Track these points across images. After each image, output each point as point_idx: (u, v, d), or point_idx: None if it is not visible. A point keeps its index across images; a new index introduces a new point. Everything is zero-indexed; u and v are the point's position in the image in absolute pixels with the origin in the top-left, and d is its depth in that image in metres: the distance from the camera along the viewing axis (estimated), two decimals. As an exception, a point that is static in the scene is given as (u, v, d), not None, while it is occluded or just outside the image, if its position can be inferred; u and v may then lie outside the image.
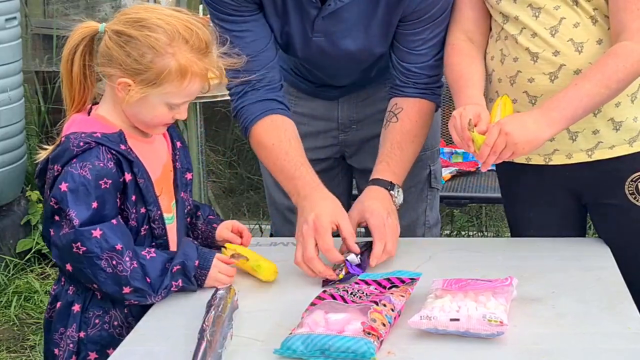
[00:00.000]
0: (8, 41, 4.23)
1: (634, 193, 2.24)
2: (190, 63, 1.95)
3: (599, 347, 1.78)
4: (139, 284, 1.95)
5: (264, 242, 2.40)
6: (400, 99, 2.39)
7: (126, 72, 1.94)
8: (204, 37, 1.98)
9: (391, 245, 2.16)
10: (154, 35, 1.93)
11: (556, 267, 2.14)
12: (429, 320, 1.79)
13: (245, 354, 1.79)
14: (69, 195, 1.91)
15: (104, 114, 2.03)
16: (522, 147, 2.07)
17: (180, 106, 2.00)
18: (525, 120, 2.09)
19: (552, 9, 2.19)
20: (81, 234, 1.91)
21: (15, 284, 4.10)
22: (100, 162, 1.93)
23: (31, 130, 4.84)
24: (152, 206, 2.03)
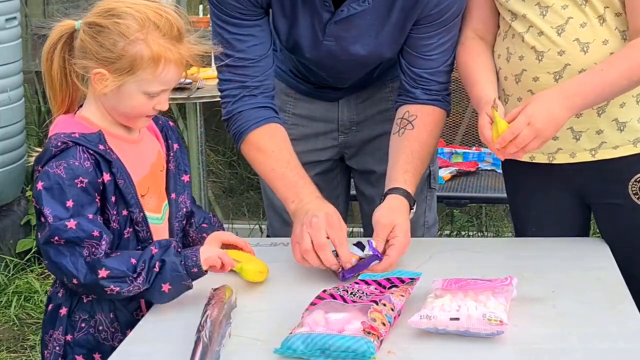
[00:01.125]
0: (8, 41, 4.24)
1: (637, 193, 2.24)
2: (162, 49, 1.94)
3: (599, 346, 1.77)
4: (115, 265, 1.89)
5: (264, 242, 2.40)
6: (413, 106, 2.37)
7: (100, 62, 1.94)
8: (176, 23, 1.97)
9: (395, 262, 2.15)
10: (124, 22, 1.93)
11: (556, 267, 2.14)
12: (429, 320, 1.79)
13: (245, 353, 1.79)
14: (44, 193, 1.91)
15: (86, 115, 2.02)
16: (548, 134, 2.08)
17: (159, 95, 1.99)
18: (551, 110, 2.08)
19: (560, 8, 2.19)
20: (56, 227, 1.89)
21: (15, 284, 4.11)
22: (76, 160, 1.92)
23: (31, 130, 4.85)
24: (134, 208, 2.00)
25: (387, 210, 2.22)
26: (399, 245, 2.15)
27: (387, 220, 2.18)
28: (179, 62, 1.97)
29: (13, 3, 4.27)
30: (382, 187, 2.55)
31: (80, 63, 1.97)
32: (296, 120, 2.62)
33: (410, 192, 2.26)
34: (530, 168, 2.33)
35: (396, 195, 2.24)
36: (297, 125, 2.62)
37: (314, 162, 2.60)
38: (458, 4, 2.30)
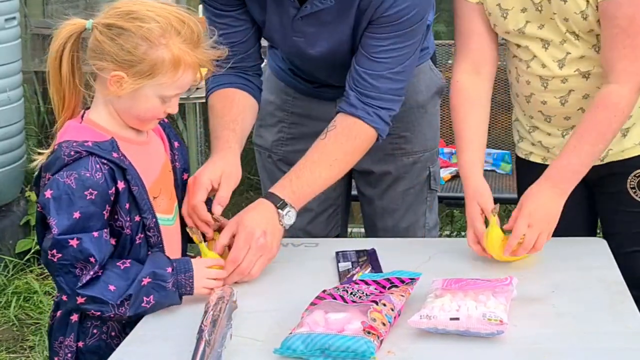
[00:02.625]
0: (7, 41, 4.23)
1: (634, 188, 2.29)
2: (183, 54, 1.94)
3: (599, 346, 1.77)
4: (94, 292, 1.89)
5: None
6: (340, 117, 2.30)
7: (119, 64, 1.92)
8: (195, 28, 1.97)
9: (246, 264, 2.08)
10: (147, 26, 1.91)
11: (556, 267, 2.14)
12: (429, 320, 1.79)
13: (245, 353, 1.79)
14: (51, 203, 1.89)
15: (95, 119, 2.00)
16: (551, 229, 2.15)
17: (172, 99, 1.99)
18: (546, 205, 2.15)
19: (559, 43, 2.23)
20: (58, 242, 1.88)
21: (14, 284, 4.10)
22: (88, 172, 1.90)
23: (30, 131, 4.84)
24: (147, 214, 1.99)
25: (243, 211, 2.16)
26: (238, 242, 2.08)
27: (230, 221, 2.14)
28: (196, 66, 1.98)
29: (12, 3, 4.27)
30: (380, 187, 2.55)
31: (95, 64, 1.95)
32: (295, 119, 2.63)
33: (276, 194, 2.18)
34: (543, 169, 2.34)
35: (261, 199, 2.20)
36: (296, 124, 2.63)
37: None
38: (417, 12, 2.24)
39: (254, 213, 2.15)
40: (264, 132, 2.67)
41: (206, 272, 2.02)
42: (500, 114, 4.07)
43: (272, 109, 2.63)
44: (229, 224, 2.14)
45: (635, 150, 2.29)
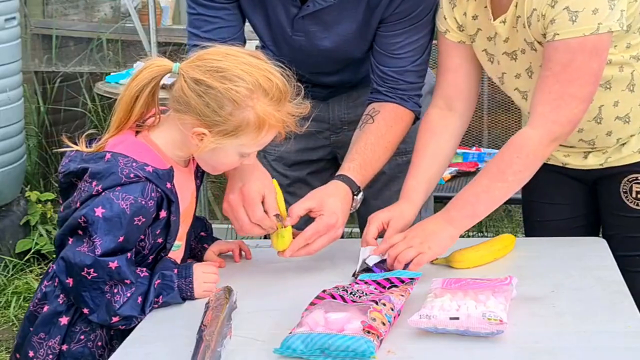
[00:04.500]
0: (7, 41, 4.23)
1: (626, 192, 2.29)
2: (268, 115, 1.91)
3: (598, 345, 1.77)
4: (129, 312, 1.92)
5: (263, 243, 2.40)
6: (378, 104, 2.36)
7: (203, 121, 1.90)
8: (283, 87, 1.94)
9: (317, 247, 2.13)
10: (236, 88, 1.89)
11: (556, 267, 2.14)
12: (429, 319, 1.79)
13: (245, 353, 1.79)
14: (101, 222, 1.88)
15: (158, 142, 1.98)
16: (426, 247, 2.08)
17: (251, 154, 1.99)
18: (425, 224, 2.14)
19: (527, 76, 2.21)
20: (98, 263, 1.88)
21: (14, 284, 4.10)
22: (143, 199, 1.89)
23: (30, 131, 4.84)
24: (172, 239, 2.01)
25: (323, 189, 2.21)
26: (320, 225, 2.12)
27: (318, 195, 2.17)
28: (280, 126, 1.96)
29: (12, 3, 4.27)
30: (375, 187, 2.54)
31: (180, 117, 1.93)
32: None
33: (351, 178, 2.23)
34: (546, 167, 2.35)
35: (337, 182, 2.23)
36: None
37: (306, 162, 2.61)
38: (426, 3, 2.28)
39: (337, 200, 2.17)
40: None
41: (205, 277, 2.03)
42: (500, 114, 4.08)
43: None
44: (308, 199, 2.16)
45: (633, 157, 2.28)
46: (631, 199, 2.28)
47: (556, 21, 2.02)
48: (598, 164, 2.30)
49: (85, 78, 5.00)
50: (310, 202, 2.16)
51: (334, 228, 2.14)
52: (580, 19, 2.00)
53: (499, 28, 2.16)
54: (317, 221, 2.14)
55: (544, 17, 2.04)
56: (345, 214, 2.19)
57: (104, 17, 5.30)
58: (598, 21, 2.00)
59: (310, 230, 2.13)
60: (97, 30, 5.15)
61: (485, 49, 2.25)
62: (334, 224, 2.14)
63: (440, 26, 2.29)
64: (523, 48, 2.16)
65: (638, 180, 2.27)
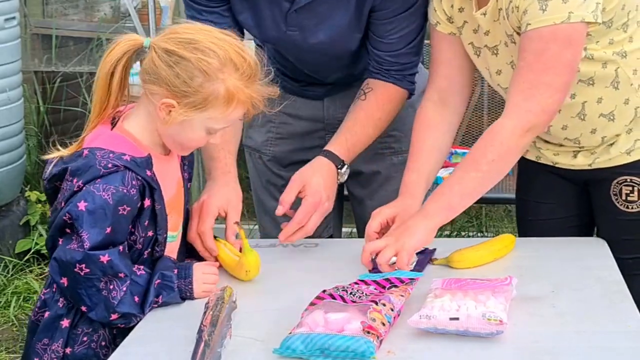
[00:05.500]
0: (7, 41, 4.23)
1: (616, 194, 2.28)
2: (238, 90, 1.92)
3: (598, 345, 1.77)
4: (127, 309, 1.92)
5: (263, 243, 2.40)
6: (373, 81, 2.40)
7: (172, 92, 1.90)
8: (254, 65, 1.95)
9: (312, 226, 2.23)
10: (207, 59, 1.89)
11: (556, 267, 2.14)
12: (429, 320, 1.79)
13: (245, 353, 1.79)
14: (86, 215, 1.88)
15: (132, 131, 1.98)
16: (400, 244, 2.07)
17: (218, 131, 1.99)
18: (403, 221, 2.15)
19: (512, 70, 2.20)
20: (89, 257, 1.88)
21: (14, 284, 4.10)
22: (124, 187, 1.89)
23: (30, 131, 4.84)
24: (162, 230, 2.01)
25: (304, 169, 2.30)
26: (308, 205, 2.23)
27: (300, 178, 2.27)
28: (248, 103, 1.96)
29: (12, 3, 4.27)
30: (370, 187, 2.54)
31: (148, 87, 1.93)
32: (283, 118, 2.62)
33: (335, 153, 2.31)
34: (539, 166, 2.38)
35: (320, 157, 2.32)
36: (285, 124, 2.63)
37: (302, 162, 2.59)
38: None
39: (318, 177, 2.27)
40: (253, 133, 2.67)
41: (205, 278, 2.03)
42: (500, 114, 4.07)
43: None
44: (293, 183, 2.26)
45: (621, 158, 2.26)
46: (621, 202, 2.27)
47: (528, 11, 2.03)
48: (587, 164, 2.29)
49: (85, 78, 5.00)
50: (295, 186, 2.26)
51: (320, 204, 2.25)
52: (551, 7, 2.00)
53: (480, 20, 2.17)
54: (303, 203, 2.24)
55: (517, 9, 2.05)
56: (329, 188, 2.28)
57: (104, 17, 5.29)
58: (569, 10, 2.00)
59: (299, 213, 2.23)
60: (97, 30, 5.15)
61: (472, 41, 2.25)
62: (318, 202, 2.24)
63: (431, 18, 2.29)
64: (505, 41, 2.17)
65: (627, 183, 2.26)
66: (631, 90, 2.20)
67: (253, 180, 2.74)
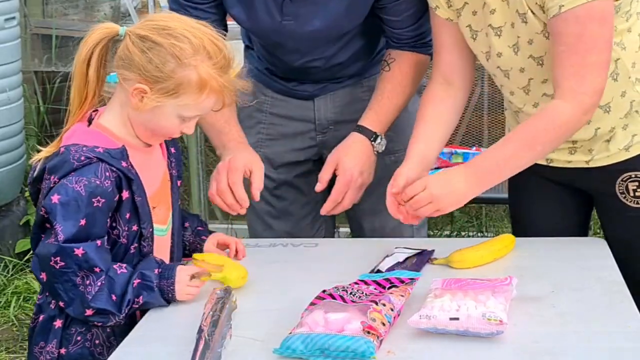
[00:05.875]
0: (7, 41, 4.23)
1: (623, 192, 2.28)
2: (210, 77, 1.92)
3: (598, 345, 1.77)
4: (102, 305, 1.90)
5: (263, 243, 2.40)
6: (394, 51, 2.46)
7: (145, 78, 1.91)
8: (227, 54, 1.96)
9: (347, 201, 2.37)
10: (180, 45, 1.90)
11: (556, 267, 2.14)
12: (429, 320, 1.79)
13: (245, 353, 1.79)
14: (59, 208, 1.88)
15: (107, 125, 1.99)
16: (446, 204, 2.12)
17: (191, 120, 1.98)
18: (449, 179, 2.15)
19: (519, 71, 2.22)
20: (63, 250, 1.87)
21: (14, 284, 4.10)
22: (97, 179, 1.89)
23: (30, 131, 4.84)
24: (146, 224, 1.99)
25: (339, 147, 2.41)
26: (338, 184, 2.35)
27: (333, 157, 2.39)
28: (221, 92, 1.96)
29: (12, 3, 4.27)
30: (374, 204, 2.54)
31: (122, 73, 1.94)
32: (273, 119, 2.61)
33: (367, 127, 2.40)
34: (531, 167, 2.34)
35: (353, 133, 2.41)
36: (275, 125, 2.62)
37: (293, 163, 2.60)
38: None
39: (351, 154, 2.38)
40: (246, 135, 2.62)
41: (188, 280, 1.99)
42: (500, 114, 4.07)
43: (250, 110, 2.59)
44: (328, 162, 2.39)
45: (620, 155, 2.26)
46: (630, 198, 2.27)
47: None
48: (584, 161, 2.29)
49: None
50: (330, 165, 2.38)
51: (353, 181, 2.36)
52: None
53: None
54: (337, 182, 2.37)
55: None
56: (364, 162, 2.39)
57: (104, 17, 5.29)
58: None
59: (334, 192, 2.36)
60: (97, 30, 5.15)
61: (470, 24, 2.25)
62: (349, 179, 2.36)
63: (430, 2, 2.30)
64: (513, 22, 2.16)
65: (633, 179, 2.26)
66: (629, 83, 2.21)
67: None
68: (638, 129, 2.24)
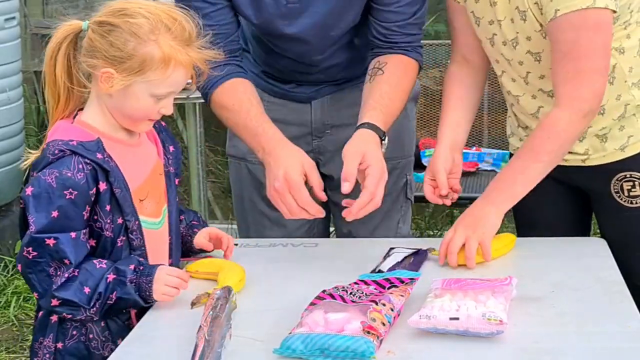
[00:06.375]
0: (7, 41, 4.23)
1: (618, 192, 2.29)
2: (173, 51, 1.93)
3: (598, 345, 1.77)
4: (68, 296, 1.89)
5: (263, 243, 2.40)
6: (383, 57, 2.39)
7: (109, 61, 1.92)
8: (187, 26, 1.97)
9: (380, 197, 2.18)
10: (136, 22, 1.92)
11: (556, 267, 2.14)
12: (429, 320, 1.79)
13: (245, 353, 1.79)
14: (31, 200, 1.89)
15: (86, 119, 2.00)
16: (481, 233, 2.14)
17: (165, 98, 1.98)
18: (470, 212, 2.19)
19: (517, 63, 2.24)
20: (34, 240, 1.88)
21: (14, 284, 4.10)
22: (69, 171, 1.90)
23: (30, 130, 4.84)
24: (130, 216, 1.98)
25: (354, 141, 2.23)
26: (376, 173, 2.17)
27: (355, 149, 2.20)
28: (188, 65, 1.97)
29: (12, 3, 4.27)
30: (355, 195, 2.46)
31: (87, 62, 1.95)
32: None
33: (376, 125, 2.26)
34: None
35: (363, 129, 2.26)
36: None
37: None
38: None
39: (375, 148, 2.22)
40: (238, 142, 2.55)
41: (167, 280, 1.96)
42: (500, 114, 4.07)
43: None
44: (352, 155, 2.19)
45: (616, 154, 2.28)
46: (624, 198, 2.28)
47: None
48: (579, 159, 2.30)
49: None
50: (355, 158, 2.19)
51: (385, 172, 2.21)
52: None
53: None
54: (371, 174, 2.17)
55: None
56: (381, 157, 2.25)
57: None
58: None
59: (371, 185, 2.17)
60: (97, 30, 5.15)
61: (473, 11, 2.28)
62: (382, 170, 2.20)
63: None
64: (512, 17, 2.18)
65: (628, 178, 2.27)
66: (625, 87, 2.22)
67: (235, 189, 2.69)
68: (634, 130, 2.26)
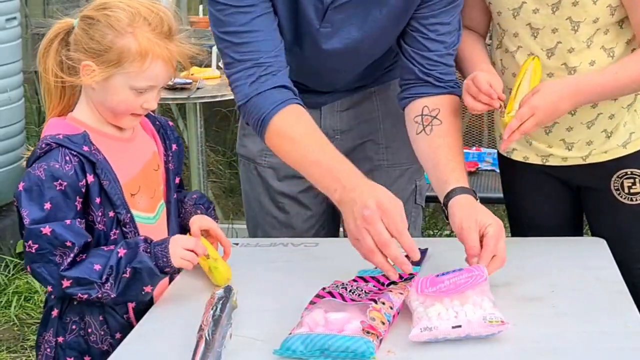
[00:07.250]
0: (8, 41, 4.24)
1: (618, 189, 2.29)
2: (151, 44, 1.95)
3: (598, 345, 1.77)
4: (79, 273, 1.88)
5: (263, 243, 2.40)
6: (430, 99, 2.25)
7: (89, 54, 1.95)
8: (167, 19, 1.98)
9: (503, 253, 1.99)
10: (114, 15, 1.95)
11: (556, 267, 2.14)
12: (430, 332, 1.75)
13: (245, 353, 1.79)
14: (23, 194, 1.92)
15: (76, 115, 2.03)
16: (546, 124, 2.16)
17: (147, 92, 1.98)
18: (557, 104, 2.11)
19: (550, 31, 2.20)
20: (31, 232, 1.89)
21: (15, 284, 4.10)
22: (57, 163, 1.92)
23: (31, 131, 4.84)
24: (120, 209, 1.99)
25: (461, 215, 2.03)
26: (493, 233, 1.98)
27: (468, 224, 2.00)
28: (167, 59, 1.98)
29: (13, 3, 4.28)
30: None
31: (71, 55, 1.98)
32: None
33: (466, 187, 2.11)
34: (525, 167, 2.38)
35: (459, 197, 2.07)
36: None
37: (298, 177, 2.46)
38: None
39: (481, 210, 2.03)
40: (248, 142, 2.54)
41: (184, 242, 1.97)
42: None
43: None
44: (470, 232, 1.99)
45: (618, 151, 2.28)
46: (625, 195, 2.29)
47: None
48: (580, 158, 2.30)
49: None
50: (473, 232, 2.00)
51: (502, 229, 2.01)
52: None
53: None
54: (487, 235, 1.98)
55: None
56: None
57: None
58: None
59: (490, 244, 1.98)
60: (98, 30, 5.15)
61: None
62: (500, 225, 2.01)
63: None
64: None
65: (629, 175, 2.27)
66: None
67: (245, 189, 2.65)
68: (635, 126, 2.27)
